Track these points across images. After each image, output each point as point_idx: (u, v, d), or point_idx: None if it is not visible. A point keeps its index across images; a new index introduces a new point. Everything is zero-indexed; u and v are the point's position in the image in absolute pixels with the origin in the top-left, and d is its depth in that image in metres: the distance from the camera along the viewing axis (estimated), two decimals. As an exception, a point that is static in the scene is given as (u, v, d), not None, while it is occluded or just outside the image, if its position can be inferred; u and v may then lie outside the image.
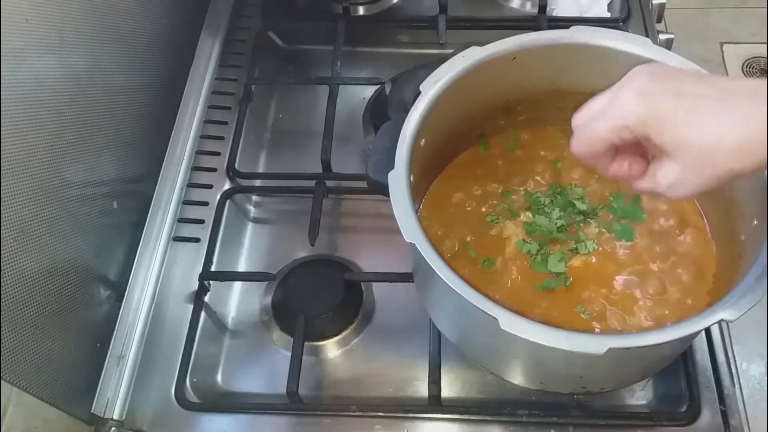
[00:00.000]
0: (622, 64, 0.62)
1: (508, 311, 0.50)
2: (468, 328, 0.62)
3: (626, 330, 0.58)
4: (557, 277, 0.61)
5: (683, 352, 0.66)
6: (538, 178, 0.68)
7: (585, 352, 0.48)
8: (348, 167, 0.81)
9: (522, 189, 0.67)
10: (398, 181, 0.56)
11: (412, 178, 0.58)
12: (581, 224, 0.64)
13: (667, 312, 0.60)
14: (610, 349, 0.47)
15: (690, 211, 0.65)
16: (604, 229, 0.64)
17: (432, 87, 0.61)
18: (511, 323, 0.49)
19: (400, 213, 0.55)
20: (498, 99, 0.67)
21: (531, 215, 0.65)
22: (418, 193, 0.65)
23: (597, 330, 0.59)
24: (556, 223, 0.64)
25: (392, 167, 0.57)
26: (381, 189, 0.57)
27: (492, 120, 0.69)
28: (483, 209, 0.67)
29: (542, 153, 0.70)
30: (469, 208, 0.67)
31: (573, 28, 0.63)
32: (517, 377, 0.64)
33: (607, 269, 0.62)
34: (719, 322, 0.49)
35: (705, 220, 0.65)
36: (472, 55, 0.62)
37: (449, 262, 0.53)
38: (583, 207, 0.65)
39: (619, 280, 0.61)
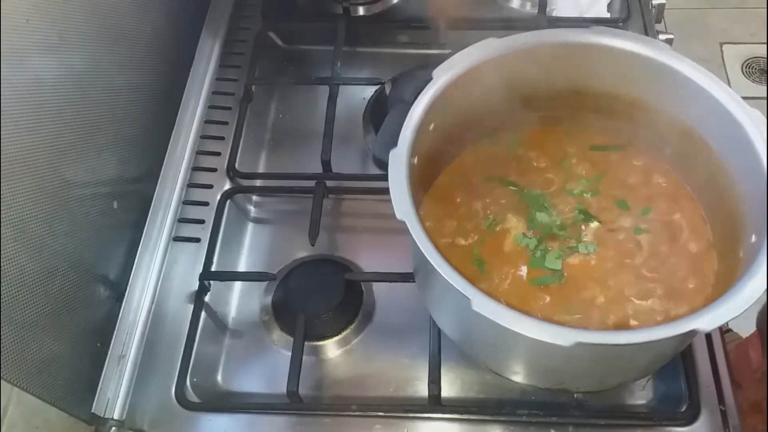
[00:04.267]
0: (641, 69, 0.62)
1: (482, 294, 0.50)
2: (451, 312, 0.62)
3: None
4: (553, 273, 0.61)
5: (682, 351, 0.65)
6: (547, 175, 0.68)
7: (552, 343, 0.47)
8: (348, 167, 0.81)
9: (529, 185, 0.67)
10: (398, 159, 0.56)
11: (416, 160, 0.57)
12: (583, 223, 0.64)
13: (659, 317, 0.59)
14: (578, 343, 0.47)
15: (695, 218, 0.65)
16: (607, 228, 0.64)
17: (446, 73, 0.61)
18: (483, 305, 0.49)
19: (395, 190, 0.54)
20: (514, 94, 0.66)
21: (533, 211, 0.65)
22: (422, 181, 0.64)
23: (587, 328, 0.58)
24: (556, 220, 0.64)
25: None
26: (385, 168, 0.57)
27: (506, 114, 0.68)
28: (485, 203, 0.66)
29: (552, 151, 0.69)
30: (473, 201, 0.66)
31: (594, 28, 0.62)
32: (494, 364, 0.64)
33: (604, 270, 0.62)
34: (693, 332, 0.48)
35: (708, 226, 0.64)
36: (491, 45, 0.62)
37: (447, 253, 0.53)
38: (586, 199, 0.65)
39: (616, 282, 0.61)
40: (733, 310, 0.48)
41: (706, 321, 0.48)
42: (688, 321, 0.48)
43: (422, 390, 0.67)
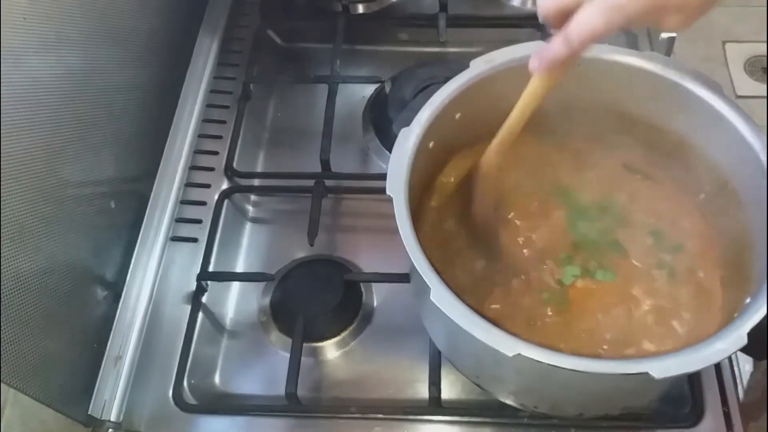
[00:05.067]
0: (685, 105, 0.59)
1: (445, 286, 0.49)
2: (422, 305, 0.61)
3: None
4: (559, 289, 0.60)
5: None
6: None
7: (495, 348, 0.46)
8: (347, 167, 0.81)
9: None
10: (407, 138, 0.56)
11: (431, 145, 0.57)
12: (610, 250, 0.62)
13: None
14: (519, 355, 0.46)
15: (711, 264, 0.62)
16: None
17: (483, 65, 0.59)
18: (440, 297, 0.48)
19: (393, 166, 0.54)
20: (556, 104, 0.63)
21: (576, 219, 0.63)
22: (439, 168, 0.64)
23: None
24: (592, 234, 0.62)
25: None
26: None
27: (540, 121, 0.64)
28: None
29: (587, 167, 0.66)
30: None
31: (646, 53, 0.59)
32: (457, 361, 0.63)
33: (609, 302, 0.60)
34: (644, 374, 0.45)
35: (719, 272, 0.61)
36: (535, 48, 0.59)
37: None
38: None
39: (616, 318, 0.59)
40: (691, 365, 0.46)
41: (659, 368, 0.45)
42: (642, 363, 0.46)
43: (422, 392, 0.66)
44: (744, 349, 0.47)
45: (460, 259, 0.62)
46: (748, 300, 0.51)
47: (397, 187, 0.53)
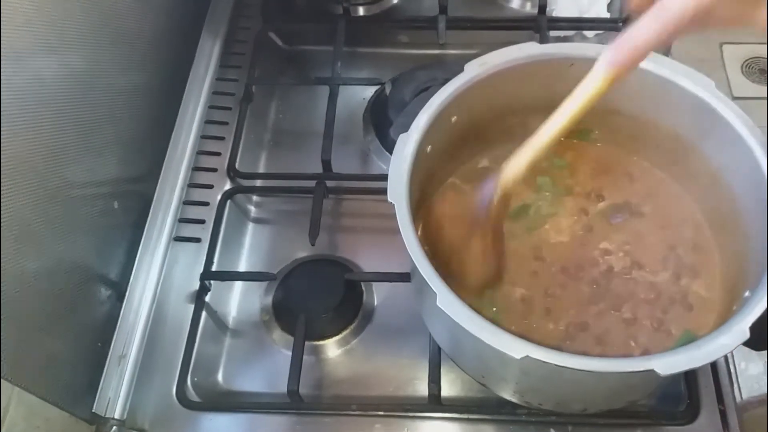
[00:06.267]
0: (679, 102, 0.59)
1: (450, 291, 0.50)
2: (428, 310, 0.61)
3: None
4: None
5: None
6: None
7: (503, 352, 0.47)
8: (348, 167, 0.81)
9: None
10: (405, 144, 0.56)
11: (429, 149, 0.57)
12: None
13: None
14: (527, 357, 0.46)
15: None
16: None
17: (476, 69, 0.59)
18: (447, 302, 0.49)
19: (393, 172, 0.54)
20: (549, 103, 0.64)
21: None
22: (440, 172, 0.64)
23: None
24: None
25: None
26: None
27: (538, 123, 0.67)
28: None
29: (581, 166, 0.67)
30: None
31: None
32: (462, 361, 0.63)
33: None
34: (649, 371, 0.46)
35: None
36: (530, 49, 0.60)
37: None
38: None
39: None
40: (696, 360, 0.46)
41: (664, 365, 0.46)
42: (648, 360, 0.46)
43: (422, 389, 0.67)
44: (744, 342, 0.48)
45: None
46: (747, 293, 0.51)
47: (398, 194, 0.54)
